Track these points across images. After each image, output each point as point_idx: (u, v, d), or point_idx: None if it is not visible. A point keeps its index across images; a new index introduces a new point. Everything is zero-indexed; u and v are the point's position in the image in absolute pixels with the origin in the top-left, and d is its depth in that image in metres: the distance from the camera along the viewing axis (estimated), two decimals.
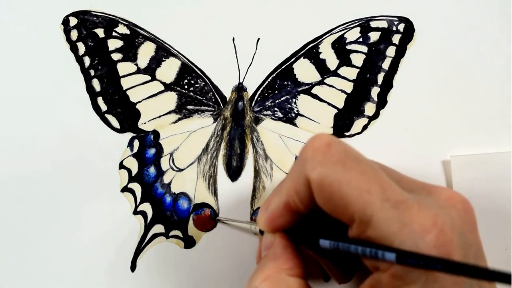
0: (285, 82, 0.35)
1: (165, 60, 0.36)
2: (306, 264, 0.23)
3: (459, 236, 0.19)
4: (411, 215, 0.19)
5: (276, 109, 0.36)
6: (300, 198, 0.22)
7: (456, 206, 0.21)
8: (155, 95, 0.35)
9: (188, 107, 0.35)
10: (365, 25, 0.36)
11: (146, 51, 0.36)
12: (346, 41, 0.35)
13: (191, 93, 0.36)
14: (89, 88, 0.35)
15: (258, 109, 0.36)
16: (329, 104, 0.35)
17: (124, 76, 0.35)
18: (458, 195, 0.21)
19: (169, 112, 0.35)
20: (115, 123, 0.35)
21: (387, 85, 0.35)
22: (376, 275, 0.20)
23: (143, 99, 0.35)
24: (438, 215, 0.19)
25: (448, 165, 0.34)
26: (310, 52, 0.36)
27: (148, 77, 0.35)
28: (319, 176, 0.20)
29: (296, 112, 0.35)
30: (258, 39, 0.36)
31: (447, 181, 0.34)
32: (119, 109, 0.35)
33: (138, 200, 0.34)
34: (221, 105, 0.36)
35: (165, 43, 0.36)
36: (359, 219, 0.20)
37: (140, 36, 0.36)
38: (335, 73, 0.35)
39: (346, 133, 0.35)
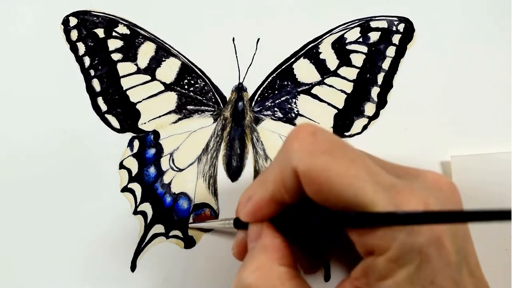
0: (285, 82, 0.35)
1: (165, 60, 0.36)
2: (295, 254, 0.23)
3: None
4: (403, 198, 0.19)
5: (276, 109, 0.36)
6: (287, 190, 0.22)
7: (442, 188, 0.22)
8: (155, 95, 0.35)
9: (188, 107, 0.35)
10: (365, 25, 0.36)
11: (146, 51, 0.36)
12: (346, 41, 0.35)
13: (191, 93, 0.36)
14: (89, 88, 0.35)
15: (258, 109, 0.36)
16: (329, 104, 0.35)
17: (124, 76, 0.35)
18: (444, 177, 0.22)
19: (169, 112, 0.35)
20: (115, 123, 0.35)
21: (387, 85, 0.35)
22: (370, 259, 0.20)
23: (143, 99, 0.35)
24: (427, 197, 0.20)
25: (448, 165, 0.34)
26: (310, 52, 0.36)
27: (148, 77, 0.35)
28: (308, 167, 0.20)
29: (296, 112, 0.35)
30: (258, 39, 0.36)
31: None
32: (119, 109, 0.35)
33: (138, 200, 0.34)
34: (221, 105, 0.36)
35: (165, 43, 0.36)
36: (353, 206, 0.20)
37: (140, 36, 0.36)
38: (335, 73, 0.35)
39: (346, 133, 0.35)
